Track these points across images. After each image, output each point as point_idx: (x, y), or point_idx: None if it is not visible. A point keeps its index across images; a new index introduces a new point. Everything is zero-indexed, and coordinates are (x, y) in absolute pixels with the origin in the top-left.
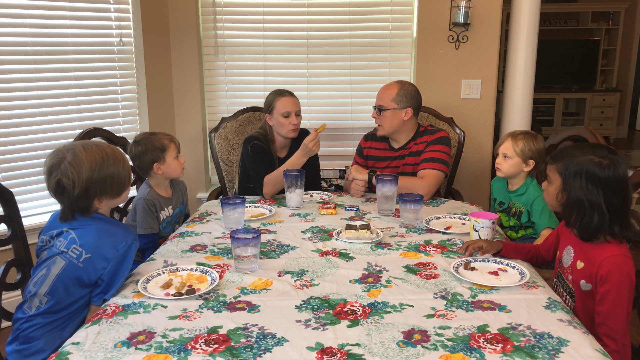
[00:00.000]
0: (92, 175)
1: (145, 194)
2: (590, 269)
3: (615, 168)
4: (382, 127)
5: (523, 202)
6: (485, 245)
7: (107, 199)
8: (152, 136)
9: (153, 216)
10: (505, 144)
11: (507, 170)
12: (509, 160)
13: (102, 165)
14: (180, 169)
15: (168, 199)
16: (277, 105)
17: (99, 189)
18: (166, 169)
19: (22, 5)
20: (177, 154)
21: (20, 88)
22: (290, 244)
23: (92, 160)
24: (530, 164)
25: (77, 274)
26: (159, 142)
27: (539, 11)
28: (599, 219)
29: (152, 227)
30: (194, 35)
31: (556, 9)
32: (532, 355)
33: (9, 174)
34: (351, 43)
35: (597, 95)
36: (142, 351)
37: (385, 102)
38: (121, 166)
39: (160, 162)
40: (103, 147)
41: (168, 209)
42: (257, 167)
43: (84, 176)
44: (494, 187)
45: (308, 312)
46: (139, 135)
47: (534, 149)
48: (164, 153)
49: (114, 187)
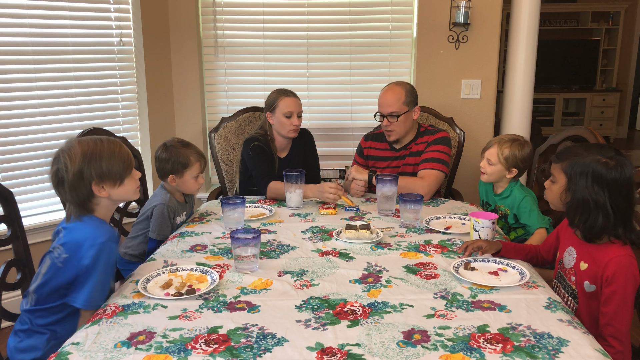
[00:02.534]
0: (85, 157)
1: (167, 200)
2: (595, 270)
3: (622, 169)
4: (395, 132)
5: (508, 205)
6: (485, 245)
7: (108, 186)
8: (182, 148)
9: (168, 223)
10: (491, 150)
11: (490, 175)
12: (493, 166)
13: (95, 148)
14: (196, 188)
15: (183, 205)
16: (280, 105)
17: (95, 171)
18: (181, 184)
19: (22, 5)
20: (199, 174)
21: (20, 88)
22: (290, 244)
23: (85, 146)
24: (513, 171)
25: (58, 274)
26: (185, 157)
27: (539, 11)
28: (603, 220)
29: (165, 234)
30: (194, 35)
31: (556, 9)
32: (532, 355)
33: (9, 174)
34: (351, 43)
35: (597, 95)
36: (142, 351)
37: (398, 107)
38: (117, 148)
39: (177, 176)
40: (99, 138)
41: (182, 215)
42: (259, 168)
43: (77, 159)
44: (480, 189)
45: (308, 312)
46: (172, 140)
47: (518, 157)
48: (185, 169)
49: (113, 168)
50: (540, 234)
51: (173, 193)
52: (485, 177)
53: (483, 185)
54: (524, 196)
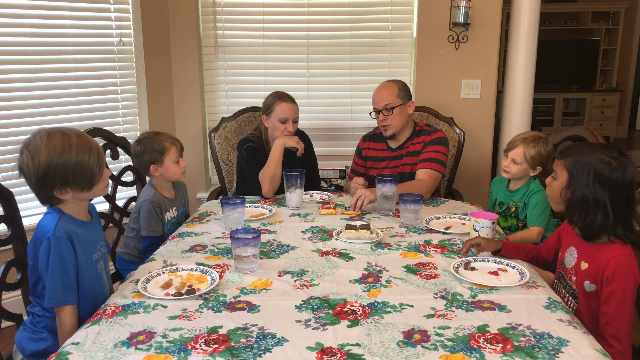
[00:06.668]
0: (50, 164)
1: (151, 196)
2: (595, 270)
3: (624, 170)
4: (391, 127)
5: (521, 197)
6: (483, 242)
7: (72, 191)
8: (154, 136)
9: (157, 219)
10: (516, 150)
11: (514, 174)
12: (518, 166)
13: (62, 154)
14: (180, 172)
15: (172, 200)
16: (276, 110)
17: (58, 179)
18: (164, 172)
19: (22, 5)
20: (178, 158)
21: (20, 88)
22: (290, 244)
23: (50, 149)
24: (538, 169)
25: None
26: (159, 144)
27: (539, 11)
28: (602, 219)
29: (156, 229)
30: (194, 35)
31: (556, 9)
32: (532, 355)
33: (9, 174)
34: (351, 43)
35: (597, 95)
36: (142, 351)
37: (392, 100)
38: (86, 156)
39: (157, 164)
40: (69, 135)
41: (172, 210)
42: (253, 168)
43: (41, 164)
44: (494, 187)
45: (308, 312)
46: (143, 134)
47: (544, 155)
48: (162, 156)
49: (78, 178)
50: (531, 231)
51: (160, 188)
52: (509, 175)
53: (497, 183)
54: (539, 190)
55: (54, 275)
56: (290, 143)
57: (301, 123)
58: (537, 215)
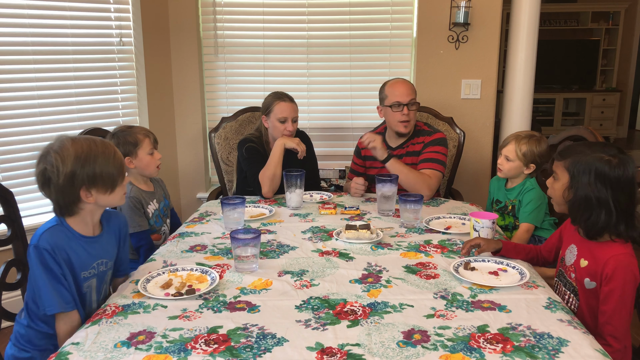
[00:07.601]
0: (78, 162)
1: (129, 191)
2: (594, 268)
3: (625, 167)
4: (411, 123)
5: (516, 194)
6: (483, 243)
7: (97, 192)
8: (128, 129)
9: (140, 213)
10: (508, 147)
11: (507, 172)
12: (511, 162)
13: (89, 154)
14: (154, 165)
15: (151, 193)
16: (275, 109)
17: (87, 178)
18: (138, 164)
19: (22, 5)
20: (152, 150)
21: (20, 88)
22: (290, 244)
23: (78, 149)
24: (531, 167)
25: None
26: (132, 136)
27: (539, 11)
28: (606, 217)
29: (141, 224)
30: (194, 35)
31: (556, 9)
32: (532, 356)
33: (9, 174)
34: (351, 43)
35: (597, 95)
36: (142, 351)
37: (415, 96)
38: (111, 158)
39: (132, 157)
40: (92, 139)
41: (154, 203)
42: (253, 168)
43: (70, 163)
44: (492, 186)
45: (308, 312)
46: (116, 128)
47: (536, 153)
48: (136, 148)
49: (104, 179)
50: (523, 228)
51: (137, 182)
52: (503, 174)
53: (496, 182)
54: (533, 187)
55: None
56: (291, 144)
57: (301, 123)
58: (528, 212)
